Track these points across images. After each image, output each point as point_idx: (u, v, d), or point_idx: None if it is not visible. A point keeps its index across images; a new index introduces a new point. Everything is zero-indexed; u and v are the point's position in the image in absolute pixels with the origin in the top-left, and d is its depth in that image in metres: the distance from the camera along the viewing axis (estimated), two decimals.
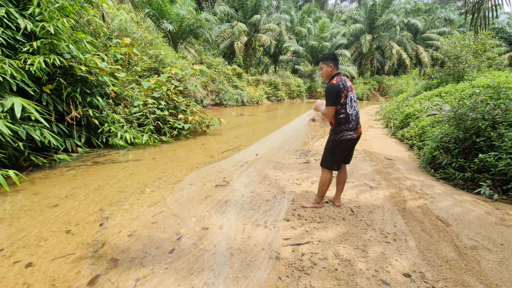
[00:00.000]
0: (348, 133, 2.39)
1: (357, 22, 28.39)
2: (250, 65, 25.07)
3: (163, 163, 4.59)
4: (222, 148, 5.72)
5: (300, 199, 2.91)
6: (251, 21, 22.97)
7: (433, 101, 6.08)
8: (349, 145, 2.46)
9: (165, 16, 13.84)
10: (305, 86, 26.64)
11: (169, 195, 3.20)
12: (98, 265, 1.89)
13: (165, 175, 3.94)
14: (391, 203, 2.78)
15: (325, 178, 2.56)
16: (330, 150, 2.51)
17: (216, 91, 15.70)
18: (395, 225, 2.33)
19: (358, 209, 2.64)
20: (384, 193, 3.03)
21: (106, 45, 7.29)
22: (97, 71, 5.28)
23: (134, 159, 4.82)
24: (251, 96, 19.11)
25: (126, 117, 6.10)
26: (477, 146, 3.41)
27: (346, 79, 2.41)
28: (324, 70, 2.47)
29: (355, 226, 2.33)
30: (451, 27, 30.35)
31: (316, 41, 26.47)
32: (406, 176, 3.60)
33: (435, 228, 2.25)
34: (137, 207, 2.87)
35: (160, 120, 6.24)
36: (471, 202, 2.79)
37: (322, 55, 2.53)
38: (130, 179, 3.77)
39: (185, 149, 5.61)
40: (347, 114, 2.37)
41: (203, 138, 6.78)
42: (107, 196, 3.17)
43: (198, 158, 4.97)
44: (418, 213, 2.53)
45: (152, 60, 9.09)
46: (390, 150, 5.43)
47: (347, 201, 2.85)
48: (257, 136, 7.29)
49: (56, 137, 4.39)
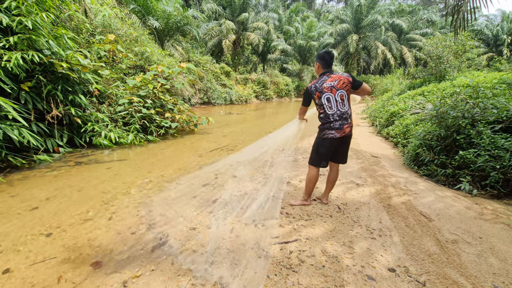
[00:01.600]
0: (330, 132, 2.40)
1: (344, 22, 28.82)
2: (238, 64, 24.97)
3: (150, 163, 4.50)
4: (210, 147, 5.66)
5: (288, 197, 2.93)
6: (239, 19, 22.85)
7: (416, 100, 6.27)
8: (333, 144, 2.44)
9: (151, 13, 13.54)
10: (293, 85, 26.81)
11: (155, 195, 3.14)
12: (81, 269, 1.83)
13: (152, 175, 3.86)
14: (376, 199, 2.84)
15: (311, 175, 2.59)
16: (315, 147, 2.57)
17: (204, 89, 15.54)
18: (380, 221, 2.38)
19: (345, 206, 2.68)
20: (370, 190, 3.09)
21: (89, 42, 7.06)
22: (79, 68, 5.10)
23: (119, 159, 4.70)
24: (239, 94, 19.05)
25: (110, 116, 5.93)
26: (458, 144, 3.53)
27: (332, 77, 2.39)
28: (315, 69, 2.60)
29: (342, 223, 2.37)
30: (433, 28, 31.33)
31: (304, 40, 26.68)
32: (391, 173, 3.69)
33: (419, 224, 2.32)
34: (123, 208, 2.80)
35: (146, 119, 6.11)
36: (452, 197, 2.89)
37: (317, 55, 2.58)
38: (115, 179, 3.67)
39: (172, 149, 5.52)
40: (326, 113, 2.41)
41: (191, 137, 6.70)
42: (91, 197, 3.07)
43: (186, 157, 4.91)
44: (402, 209, 2.60)
45: (138, 57, 8.88)
46: (376, 148, 5.55)
47: (335, 198, 2.89)
48: (246, 134, 7.28)
49: (36, 137, 4.22)
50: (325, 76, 2.44)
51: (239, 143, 6.07)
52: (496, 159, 3.10)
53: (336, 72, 2.46)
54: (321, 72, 2.50)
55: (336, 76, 2.42)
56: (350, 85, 2.41)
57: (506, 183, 3.04)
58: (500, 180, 3.01)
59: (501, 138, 3.20)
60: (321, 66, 2.50)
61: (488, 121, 3.51)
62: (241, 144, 5.97)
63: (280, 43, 25.50)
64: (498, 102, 3.65)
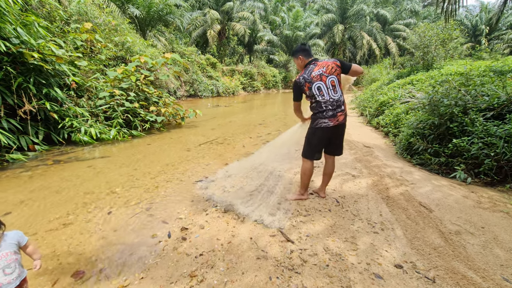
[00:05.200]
0: (323, 121, 2.27)
1: (330, 12, 28.66)
2: (224, 55, 24.43)
3: (135, 159, 4.25)
4: (199, 141, 5.45)
5: (284, 191, 2.81)
6: (223, 9, 22.21)
7: (406, 89, 6.27)
8: (327, 134, 2.30)
9: (131, 1, 12.86)
10: (280, 76, 26.58)
11: (143, 194, 2.94)
12: (60, 281, 1.64)
13: (138, 172, 3.64)
14: (374, 191, 2.76)
15: (305, 168, 2.47)
16: (307, 138, 2.46)
17: (190, 81, 15.08)
18: (380, 214, 2.30)
19: (343, 199, 2.59)
20: (367, 181, 3.02)
21: (64, 31, 6.56)
22: (53, 59, 4.71)
23: (102, 156, 4.42)
24: (226, 86, 18.68)
25: (91, 110, 5.58)
26: (451, 132, 3.52)
27: (318, 65, 2.29)
28: (297, 64, 2.46)
29: (342, 217, 2.27)
30: (417, 18, 31.76)
31: (290, 31, 26.35)
32: (386, 163, 3.64)
33: (419, 215, 2.26)
34: (107, 209, 2.59)
35: (130, 113, 5.80)
36: (448, 186, 2.86)
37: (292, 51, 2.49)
38: (97, 178, 3.42)
39: (159, 143, 5.27)
40: (318, 102, 2.29)
41: (178, 131, 6.44)
42: (71, 199, 2.83)
43: (174, 152, 4.68)
44: (401, 200, 2.53)
45: (118, 48, 8.40)
46: (367, 138, 5.53)
47: (332, 191, 2.79)
48: (235, 127, 7.09)
49: (7, 134, 3.88)
50: (311, 65, 2.33)
51: (229, 136, 5.89)
52: (489, 146, 3.09)
53: (322, 59, 2.33)
54: (306, 63, 2.37)
55: (323, 62, 2.30)
56: (339, 69, 2.30)
57: (499, 170, 3.04)
58: (493, 167, 3.00)
59: (493, 126, 3.20)
60: (303, 57, 2.38)
61: (480, 109, 3.50)
62: (230, 137, 5.79)
63: (266, 33, 25.07)
64: (489, 90, 3.65)
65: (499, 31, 33.01)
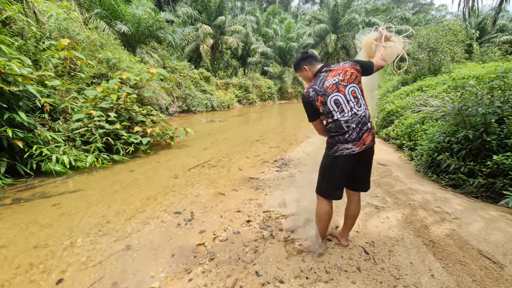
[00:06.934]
0: (345, 146, 1.67)
1: (321, 22, 28.79)
2: (218, 69, 24.15)
3: (112, 192, 3.59)
4: (189, 164, 4.81)
5: (293, 236, 2.16)
6: (216, 23, 22.09)
7: (416, 96, 5.74)
8: (351, 163, 1.72)
9: (119, 17, 12.48)
10: (275, 87, 26.28)
11: (111, 246, 2.27)
12: None
13: (111, 212, 2.97)
14: (410, 232, 2.13)
15: (321, 210, 1.83)
16: (323, 170, 1.82)
17: (182, 97, 14.56)
18: (432, 273, 1.66)
19: (373, 248, 1.94)
20: (396, 216, 2.39)
21: (44, 49, 6.01)
22: (18, 79, 4.11)
23: (74, 189, 3.75)
24: (221, 100, 18.19)
25: (66, 134, 4.95)
26: (488, 146, 2.93)
27: (333, 71, 1.73)
28: (302, 76, 1.94)
29: (379, 281, 1.62)
30: (408, 25, 32.06)
31: (284, 42, 26.30)
32: (411, 187, 3.02)
33: (487, 274, 1.61)
34: (56, 275, 1.92)
35: (111, 135, 5.16)
36: (503, 220, 2.23)
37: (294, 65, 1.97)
38: (58, 223, 2.75)
39: (143, 169, 4.62)
40: (337, 121, 1.69)
41: (168, 153, 5.80)
42: (15, 257, 2.15)
43: (158, 180, 4.04)
44: (452, 247, 1.89)
45: (103, 65, 7.86)
46: (378, 152, 4.89)
47: (355, 234, 2.15)
48: (230, 145, 6.47)
49: None
50: (324, 72, 1.76)
51: (223, 157, 5.26)
52: None
53: (336, 64, 1.77)
54: (314, 71, 1.83)
55: (338, 68, 1.73)
56: (360, 75, 1.75)
57: None
58: None
59: None
60: (308, 66, 1.86)
61: None
62: (225, 158, 5.16)
63: (259, 45, 24.93)
64: None
65: (489, 34, 33.44)
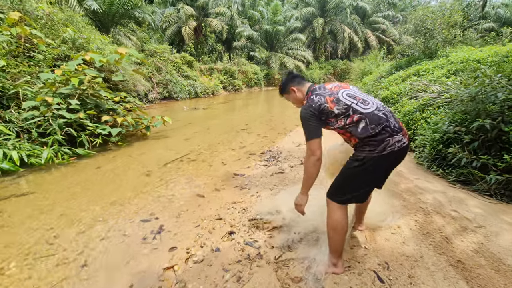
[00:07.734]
0: (396, 138, 1.32)
1: (309, 5, 27.90)
2: (202, 53, 23.02)
3: (69, 195, 3.01)
4: (166, 158, 4.25)
5: (286, 256, 1.72)
6: (198, 4, 20.82)
7: (413, 81, 5.37)
8: (398, 159, 1.41)
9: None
10: (262, 73, 25.48)
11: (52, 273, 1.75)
12: None
13: (63, 222, 2.42)
14: (430, 247, 1.73)
15: (336, 219, 1.43)
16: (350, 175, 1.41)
17: (163, 82, 13.62)
18: None
19: (389, 273, 1.53)
20: (409, 224, 2.00)
21: None
22: None
23: (24, 191, 3.13)
24: (205, 86, 17.31)
25: (20, 125, 4.24)
26: (504, 138, 2.57)
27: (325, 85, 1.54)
28: (292, 99, 1.69)
29: None
30: (395, 10, 31.78)
31: (270, 25, 25.29)
32: (418, 185, 2.64)
33: None
34: None
35: (74, 125, 4.49)
36: None
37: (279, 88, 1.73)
38: None
39: (112, 165, 4.02)
40: (367, 113, 1.35)
41: (143, 145, 5.19)
42: None
43: (129, 178, 3.48)
44: (485, 269, 1.51)
45: (68, 45, 6.95)
46: None
47: (362, 250, 1.73)
48: (213, 135, 5.93)
49: None
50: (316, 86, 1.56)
51: (205, 149, 4.73)
52: None
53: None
54: (305, 91, 1.59)
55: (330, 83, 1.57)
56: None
57: None
58: None
59: None
60: (297, 86, 1.63)
61: None
62: (207, 150, 4.63)
63: (245, 29, 23.86)
64: None
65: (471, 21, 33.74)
